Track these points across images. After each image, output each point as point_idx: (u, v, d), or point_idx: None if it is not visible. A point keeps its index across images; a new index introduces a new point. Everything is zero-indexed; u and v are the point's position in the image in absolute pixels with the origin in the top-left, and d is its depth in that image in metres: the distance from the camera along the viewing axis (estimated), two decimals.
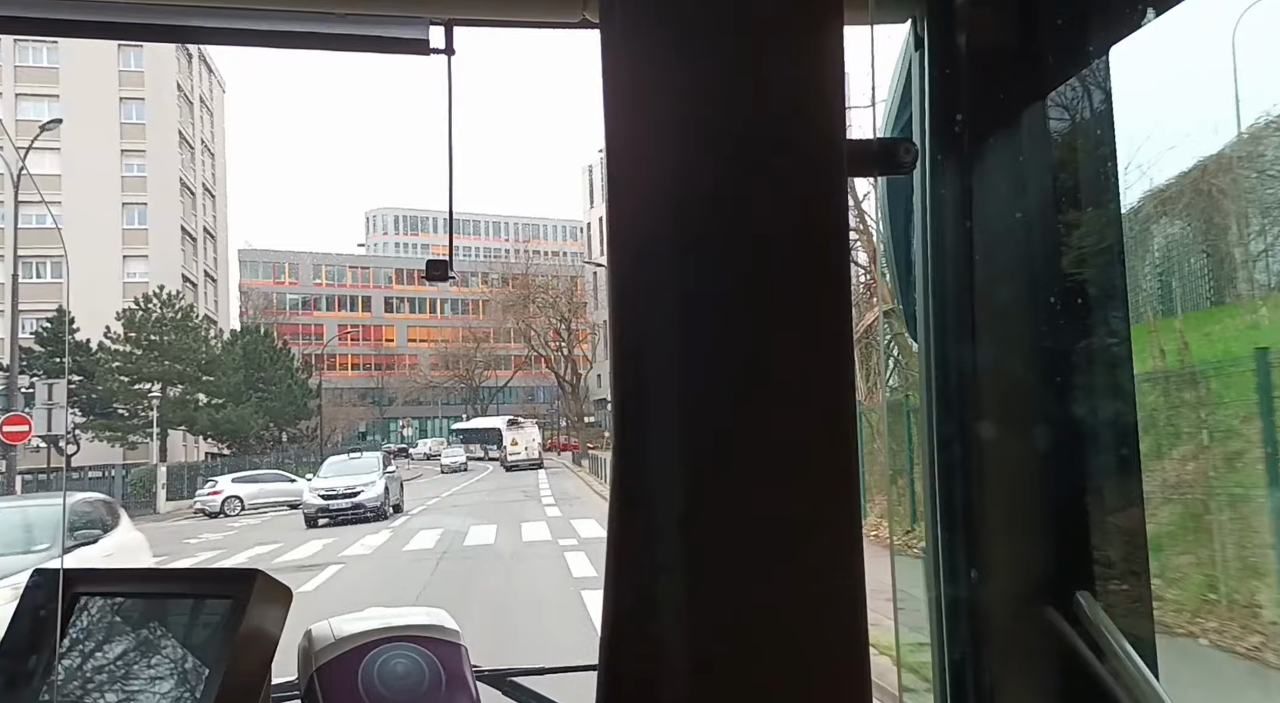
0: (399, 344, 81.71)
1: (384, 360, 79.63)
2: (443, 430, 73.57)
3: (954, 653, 1.31)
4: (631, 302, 0.96)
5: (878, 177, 1.17)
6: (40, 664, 1.35)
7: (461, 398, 76.22)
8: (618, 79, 1.01)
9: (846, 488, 0.97)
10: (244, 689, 1.25)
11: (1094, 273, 1.29)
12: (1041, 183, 1.28)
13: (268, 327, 63.19)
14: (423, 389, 77.28)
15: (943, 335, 1.29)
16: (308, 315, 79.37)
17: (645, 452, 0.96)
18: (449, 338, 76.68)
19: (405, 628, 1.47)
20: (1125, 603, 1.31)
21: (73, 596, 1.39)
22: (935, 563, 1.32)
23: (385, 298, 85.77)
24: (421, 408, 79.70)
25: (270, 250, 79.24)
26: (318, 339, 79.46)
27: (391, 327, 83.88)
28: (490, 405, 73.39)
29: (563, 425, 67.91)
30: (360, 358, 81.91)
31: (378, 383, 77.07)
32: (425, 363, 78.04)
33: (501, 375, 76.36)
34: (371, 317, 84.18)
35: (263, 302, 70.88)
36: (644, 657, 0.95)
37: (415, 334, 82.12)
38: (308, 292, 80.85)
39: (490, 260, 64.61)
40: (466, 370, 75.76)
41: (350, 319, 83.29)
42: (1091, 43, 1.25)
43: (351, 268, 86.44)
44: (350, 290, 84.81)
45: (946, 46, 1.24)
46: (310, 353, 75.82)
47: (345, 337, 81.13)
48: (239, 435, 49.48)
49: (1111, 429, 1.32)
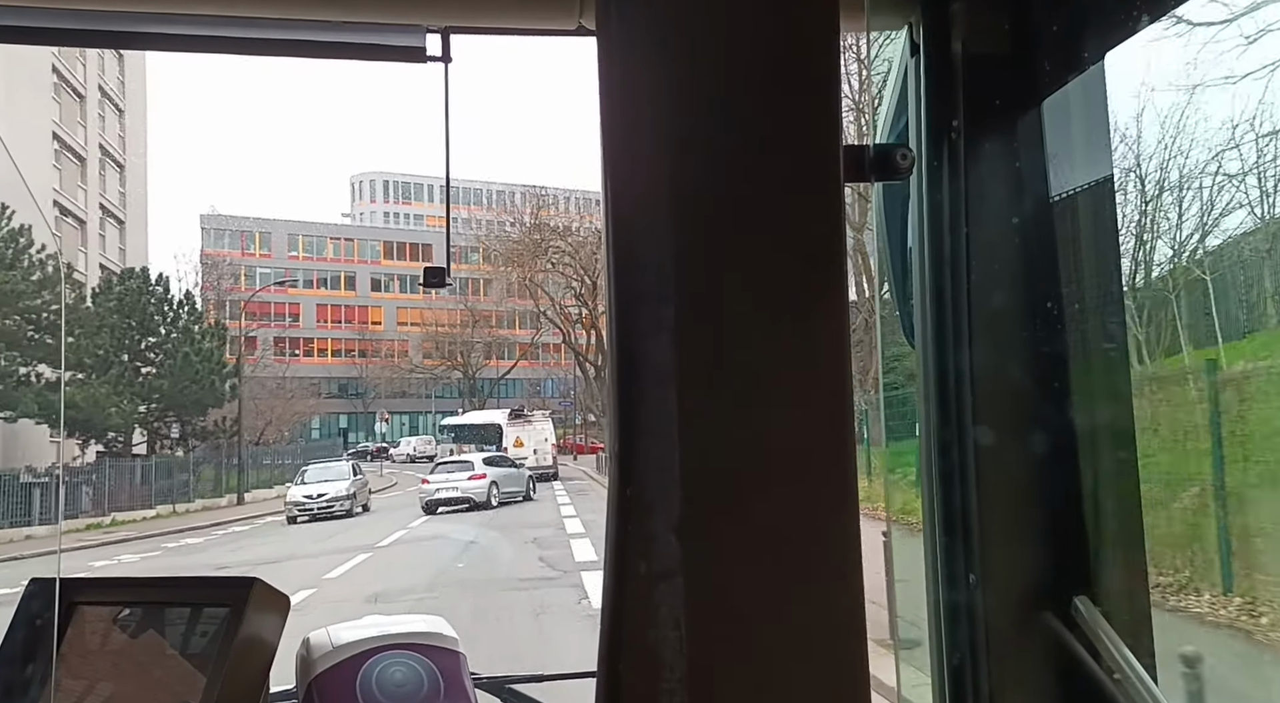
0: (387, 327, 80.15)
1: (368, 346, 77.97)
2: (435, 428, 70.67)
3: (953, 658, 1.49)
4: (630, 307, 1.14)
5: (874, 182, 1.33)
6: (37, 674, 1.52)
7: (458, 390, 74.70)
8: (614, 85, 1.20)
9: (844, 493, 1.15)
10: (242, 698, 1.40)
11: (1091, 278, 1.48)
12: (1038, 188, 1.46)
13: (225, 301, 60.39)
14: (406, 375, 74.89)
15: (940, 341, 1.47)
16: (281, 293, 77.96)
17: (644, 458, 1.13)
18: (445, 322, 74.66)
19: (403, 636, 1.63)
20: (1123, 608, 1.49)
21: (69, 605, 1.56)
22: (934, 568, 1.51)
23: (372, 275, 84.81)
24: (410, 401, 78.59)
25: (238, 217, 77.87)
26: (293, 320, 78.75)
27: (379, 307, 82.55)
28: (490, 399, 70.92)
29: (578, 422, 63.73)
30: (342, 343, 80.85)
31: (361, 371, 75.62)
32: (417, 350, 76.10)
33: (505, 366, 74.39)
34: (356, 296, 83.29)
35: (229, 274, 69.20)
36: (642, 664, 1.12)
37: (406, 316, 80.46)
38: (281, 265, 79.67)
39: (493, 231, 59.13)
40: (463, 358, 73.75)
41: (331, 298, 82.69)
42: (1087, 48, 1.43)
43: (333, 239, 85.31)
44: (332, 265, 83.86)
45: (942, 52, 1.42)
46: (285, 337, 75.47)
47: (325, 319, 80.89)
48: (95, 428, 37.67)
49: (1109, 434, 1.51)
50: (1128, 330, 1.49)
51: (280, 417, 54.40)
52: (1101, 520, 1.50)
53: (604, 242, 1.20)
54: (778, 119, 1.18)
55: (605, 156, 1.20)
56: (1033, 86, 1.45)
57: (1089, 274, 1.48)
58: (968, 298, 1.45)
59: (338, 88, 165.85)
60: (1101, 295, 1.49)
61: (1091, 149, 1.48)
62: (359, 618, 1.72)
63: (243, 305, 58.47)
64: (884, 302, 1.65)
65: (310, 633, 1.64)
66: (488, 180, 49.60)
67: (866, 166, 1.26)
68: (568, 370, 68.55)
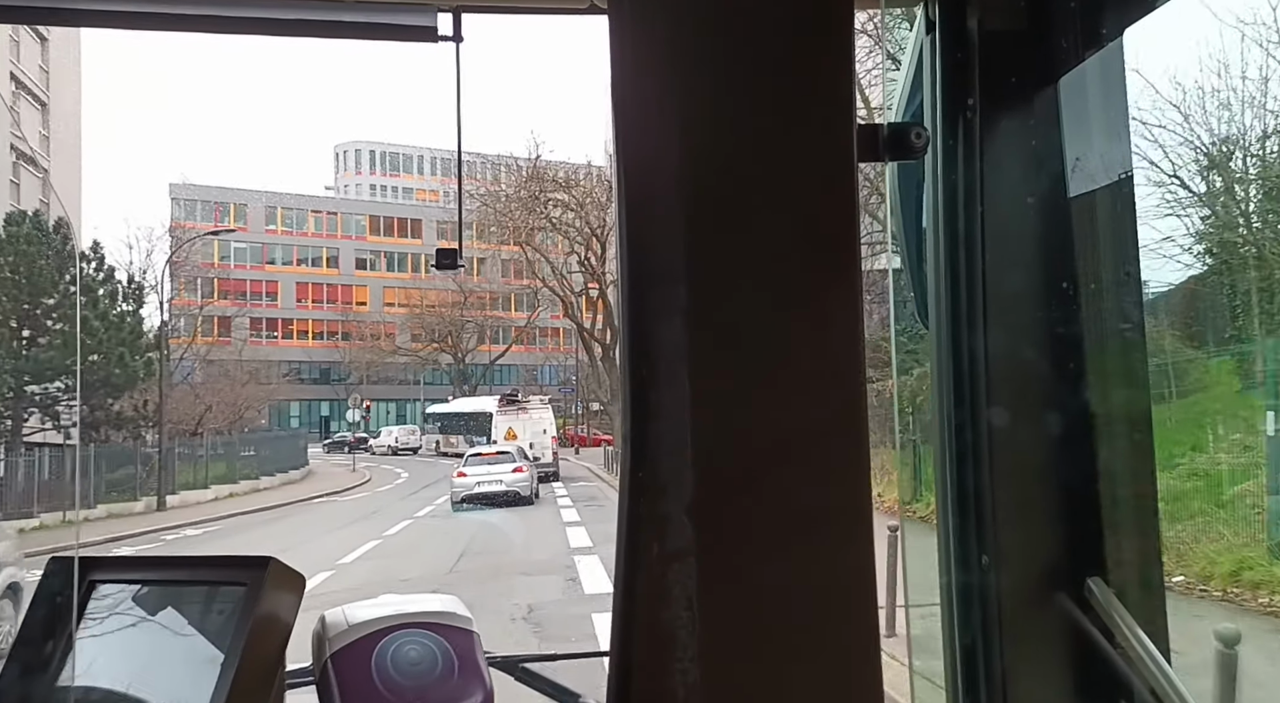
0: (373, 308, 79.30)
1: (352, 328, 77.17)
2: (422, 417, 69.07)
3: (965, 638, 1.59)
4: (642, 288, 1.23)
5: (888, 162, 1.41)
6: (57, 651, 1.64)
7: (449, 376, 73.98)
8: (625, 64, 1.29)
9: (857, 475, 1.25)
10: (258, 675, 1.50)
11: (1108, 258, 1.58)
12: (1054, 167, 1.56)
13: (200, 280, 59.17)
14: (387, 357, 73.07)
15: (955, 321, 1.57)
16: (258, 269, 77.92)
17: (657, 440, 1.21)
18: (435, 302, 73.03)
19: (418, 615, 1.76)
20: (1137, 589, 1.59)
21: (89, 583, 1.69)
22: (947, 549, 1.61)
23: (356, 252, 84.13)
24: (398, 388, 78.01)
25: (210, 187, 76.77)
26: (270, 299, 78.23)
27: (364, 287, 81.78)
28: (481, 386, 69.75)
29: (578, 411, 61.49)
30: (324, 324, 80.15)
31: (345, 356, 74.92)
32: (405, 333, 74.95)
33: (500, 350, 73.51)
34: (339, 273, 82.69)
35: (200, 249, 67.86)
36: (655, 643, 1.21)
37: (393, 297, 79.72)
38: (258, 240, 78.85)
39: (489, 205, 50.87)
40: (452, 341, 72.31)
41: (313, 276, 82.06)
42: (1105, 25, 1.52)
43: (315, 213, 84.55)
44: (313, 240, 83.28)
45: (958, 29, 1.51)
46: (262, 317, 74.93)
47: (306, 298, 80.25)
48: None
49: (1125, 416, 1.61)
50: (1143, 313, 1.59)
51: (232, 402, 48.66)
52: (1116, 502, 1.60)
53: (616, 222, 1.29)
54: (791, 98, 1.26)
55: (617, 136, 1.29)
56: (1049, 64, 1.54)
57: (1106, 254, 1.58)
58: (983, 278, 1.53)
59: (322, 49, 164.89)
60: (1118, 276, 1.58)
61: (1110, 127, 1.57)
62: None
63: (217, 283, 57.09)
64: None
65: (326, 611, 1.76)
66: (482, 151, 45.84)
67: (881, 146, 1.34)
68: (567, 355, 66.90)
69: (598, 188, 49.47)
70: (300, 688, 1.78)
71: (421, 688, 1.67)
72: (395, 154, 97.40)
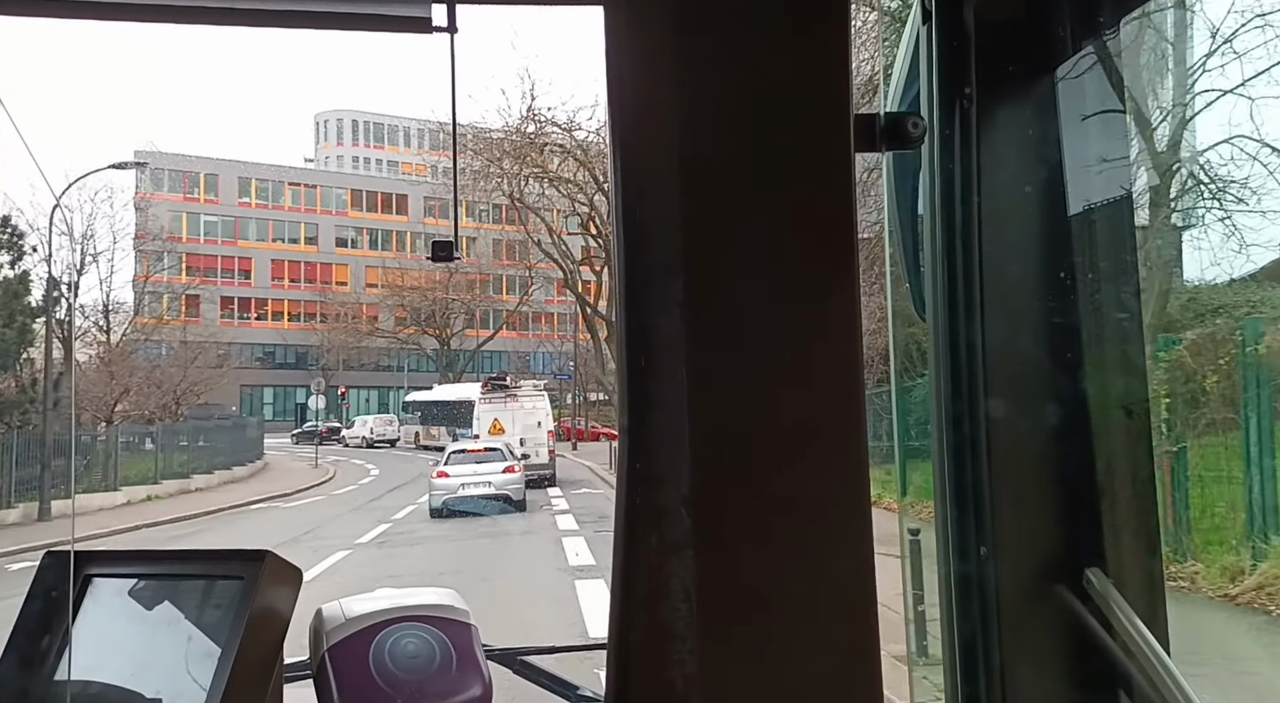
0: (354, 288, 77.91)
1: (330, 309, 75.68)
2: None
3: (964, 630, 1.68)
4: (640, 280, 1.31)
5: (885, 151, 1.51)
6: (54, 645, 1.72)
7: (434, 363, 72.68)
8: (621, 56, 1.38)
9: (856, 468, 1.34)
10: (255, 669, 1.58)
11: (1105, 249, 1.68)
12: (1051, 157, 1.65)
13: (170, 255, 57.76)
14: (362, 340, 71.68)
15: (952, 312, 1.65)
16: (230, 245, 77.17)
17: (655, 432, 1.30)
18: (421, 284, 71.20)
19: (416, 608, 1.85)
20: (1136, 580, 1.69)
21: (85, 577, 1.77)
22: (946, 541, 1.70)
23: (337, 228, 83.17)
24: (380, 375, 77.34)
25: (179, 155, 75.17)
26: (244, 277, 77.73)
27: (344, 265, 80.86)
28: (466, 373, 68.27)
29: (573, 400, 59.38)
30: (301, 305, 79.21)
31: (321, 338, 73.48)
32: (388, 316, 73.97)
33: (489, 335, 72.37)
34: (318, 251, 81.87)
35: (168, 222, 66.03)
36: (653, 635, 1.29)
37: (375, 277, 77.77)
38: (230, 214, 78.23)
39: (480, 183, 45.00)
40: (438, 324, 70.53)
41: (289, 253, 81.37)
42: (1102, 14, 1.62)
43: (291, 185, 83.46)
44: (290, 214, 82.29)
45: (955, 19, 1.60)
46: (234, 296, 74.03)
47: (282, 276, 79.43)
48: None
49: (1123, 406, 1.71)
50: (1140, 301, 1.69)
51: (164, 384, 43.92)
52: (1114, 493, 1.69)
53: (613, 214, 1.38)
54: (787, 88, 1.35)
55: (613, 128, 1.38)
56: (1046, 53, 1.63)
57: (1103, 244, 1.68)
58: (980, 269, 1.62)
59: None
60: (1115, 266, 1.69)
61: (1106, 117, 1.67)
62: None
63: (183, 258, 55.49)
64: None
65: (323, 605, 1.85)
66: (474, 122, 42.48)
67: (877, 136, 1.43)
68: (563, 341, 64.95)
69: (606, 129, 42.51)
70: (298, 682, 1.86)
71: (419, 681, 1.75)
72: (380, 125, 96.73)
